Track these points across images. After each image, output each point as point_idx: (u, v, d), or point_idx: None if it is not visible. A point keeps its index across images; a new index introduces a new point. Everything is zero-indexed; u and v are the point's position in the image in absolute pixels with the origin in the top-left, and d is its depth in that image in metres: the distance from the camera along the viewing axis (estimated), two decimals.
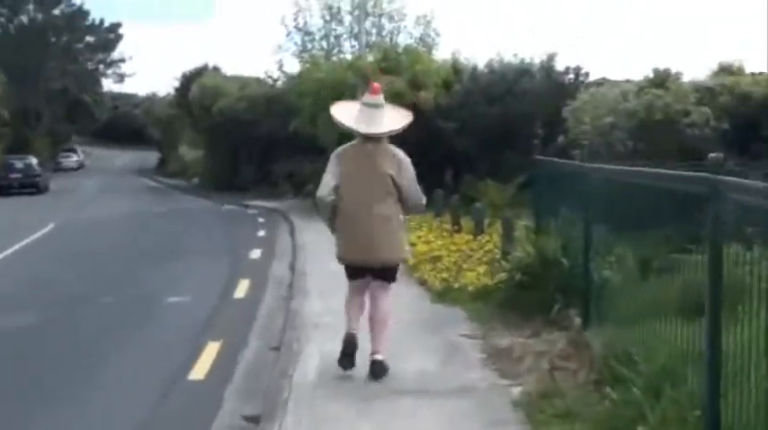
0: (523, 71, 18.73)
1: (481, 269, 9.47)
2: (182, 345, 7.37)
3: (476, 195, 17.05)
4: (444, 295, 8.56)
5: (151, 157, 64.66)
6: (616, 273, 5.56)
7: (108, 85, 73.45)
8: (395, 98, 20.32)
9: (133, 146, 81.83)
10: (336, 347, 5.73)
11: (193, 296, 9.93)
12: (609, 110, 14.18)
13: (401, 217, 5.83)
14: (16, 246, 15.47)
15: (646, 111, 14.00)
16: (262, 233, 16.95)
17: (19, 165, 35.66)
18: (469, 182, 18.70)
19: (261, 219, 20.47)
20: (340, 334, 5.77)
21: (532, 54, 20.12)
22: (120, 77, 67.44)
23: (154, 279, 11.36)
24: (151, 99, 69.25)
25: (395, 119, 5.99)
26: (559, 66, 19.81)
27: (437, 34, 21.14)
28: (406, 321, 6.94)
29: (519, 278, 7.46)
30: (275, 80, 31.75)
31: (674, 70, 15.66)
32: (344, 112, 6.09)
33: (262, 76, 34.44)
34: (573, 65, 19.76)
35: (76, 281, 11.41)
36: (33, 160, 36.98)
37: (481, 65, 20.08)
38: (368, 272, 5.80)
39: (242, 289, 10.16)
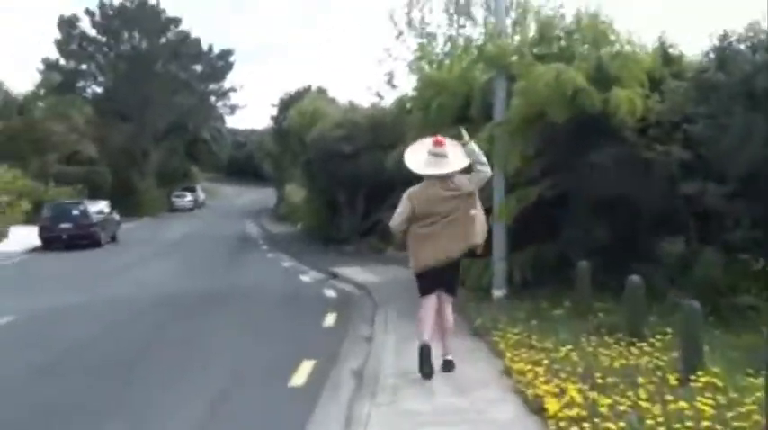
0: None
1: None
2: None
3: (743, 303, 8.02)
4: None
5: (274, 197, 58.13)
6: None
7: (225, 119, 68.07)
8: (568, 101, 11.55)
9: (259, 183, 76.32)
10: None
11: None
12: None
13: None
14: None
15: None
16: (300, 380, 8.27)
17: (73, 212, 28.21)
18: (715, 263, 9.59)
19: (329, 320, 11.92)
20: None
21: None
22: (231, 109, 61.38)
23: None
24: (264, 133, 63.14)
25: (457, 160, 7.15)
26: None
27: (610, 22, 11.91)
28: None
29: None
30: (386, 102, 23.59)
31: None
32: (414, 159, 7.21)
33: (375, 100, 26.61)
34: None
35: None
36: (92, 206, 29.27)
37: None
38: (439, 285, 7.14)
39: None
